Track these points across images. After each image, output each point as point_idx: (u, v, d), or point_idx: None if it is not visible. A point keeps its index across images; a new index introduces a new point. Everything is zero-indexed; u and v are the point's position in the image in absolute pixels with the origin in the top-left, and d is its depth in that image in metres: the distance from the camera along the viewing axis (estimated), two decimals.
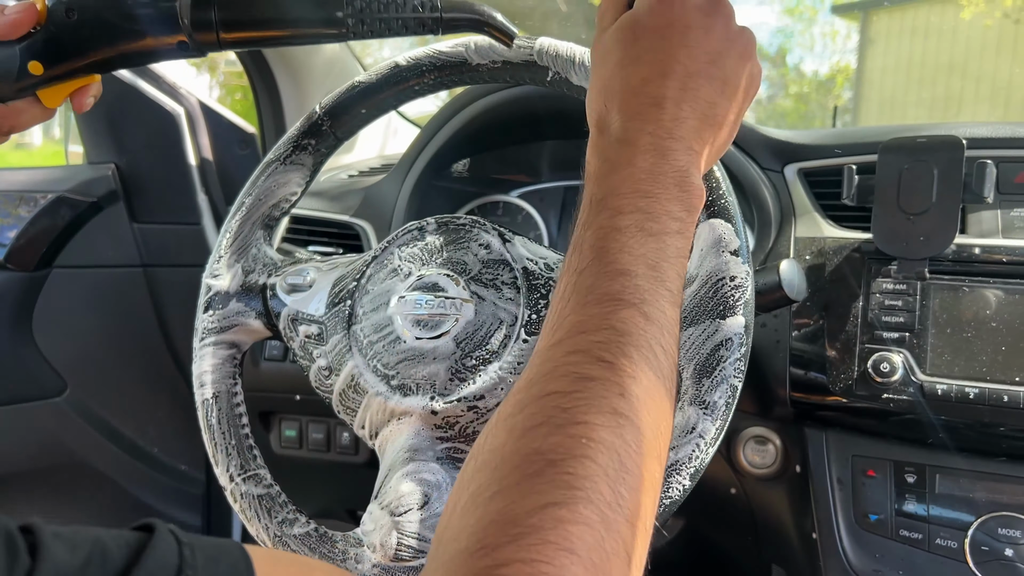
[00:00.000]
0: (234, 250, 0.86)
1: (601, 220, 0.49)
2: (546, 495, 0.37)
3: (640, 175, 0.50)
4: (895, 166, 0.88)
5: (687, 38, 0.53)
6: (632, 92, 0.53)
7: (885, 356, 0.84)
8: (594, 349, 0.43)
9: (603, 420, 0.40)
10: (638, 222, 0.48)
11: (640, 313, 0.45)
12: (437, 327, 0.73)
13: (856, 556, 0.87)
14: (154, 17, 0.61)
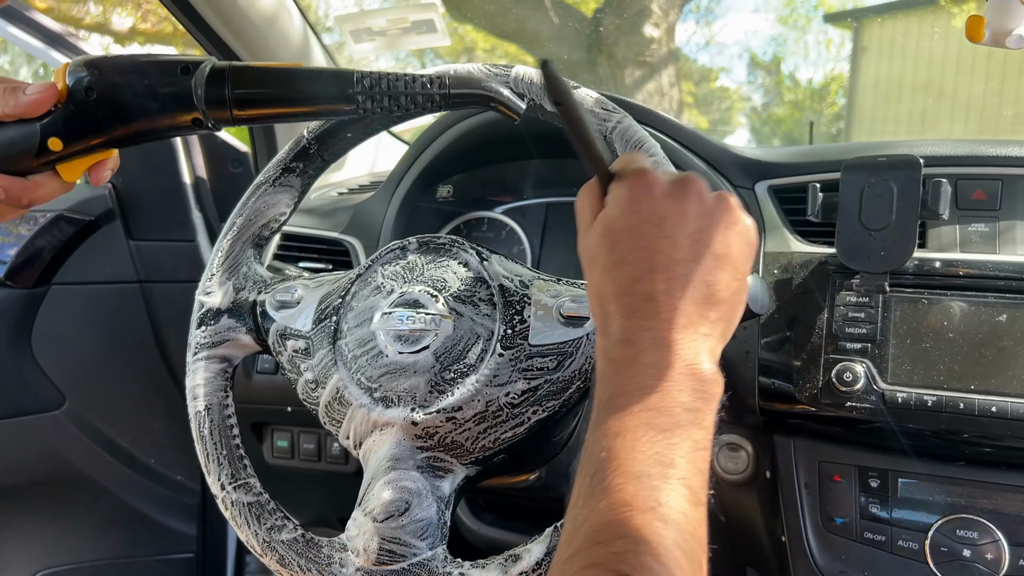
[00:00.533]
0: (225, 268, 0.90)
1: (610, 422, 0.48)
2: None
3: (645, 371, 0.49)
4: (857, 184, 0.92)
5: (664, 228, 0.53)
6: (624, 293, 0.53)
7: (848, 366, 0.88)
8: (611, 562, 0.42)
9: None
10: (647, 420, 0.47)
11: (657, 517, 0.43)
12: (418, 342, 0.77)
13: (823, 558, 0.91)
14: (170, 97, 0.63)
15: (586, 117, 0.56)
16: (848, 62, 8.48)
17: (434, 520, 0.73)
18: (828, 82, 8.96)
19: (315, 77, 0.65)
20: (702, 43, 9.14)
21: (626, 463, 0.46)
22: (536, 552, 0.68)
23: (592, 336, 0.74)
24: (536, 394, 0.74)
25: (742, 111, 9.51)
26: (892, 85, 6.33)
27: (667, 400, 0.48)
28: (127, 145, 0.67)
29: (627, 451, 0.46)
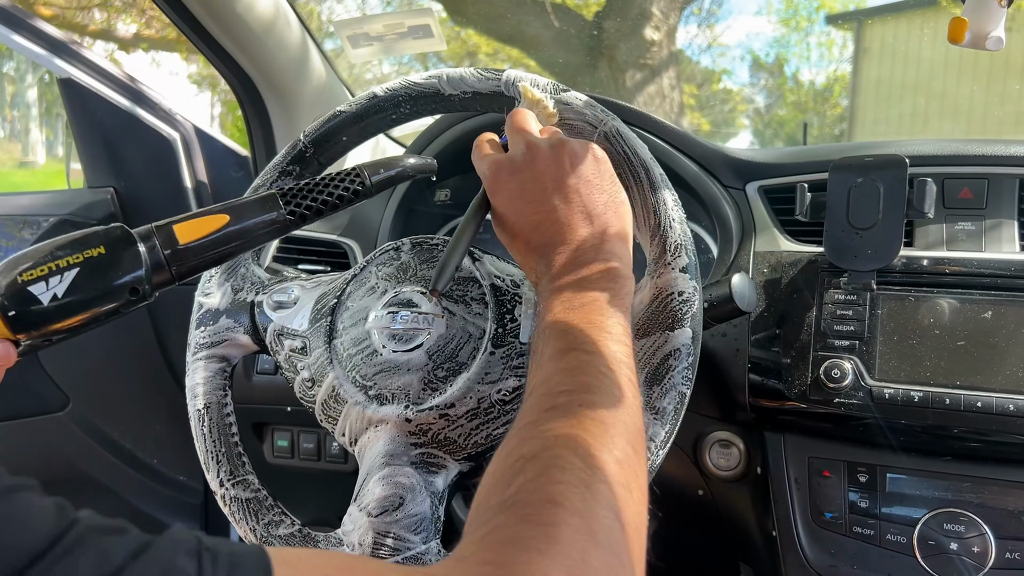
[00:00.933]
0: (223, 270, 0.91)
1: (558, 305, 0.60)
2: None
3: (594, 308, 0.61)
4: (844, 184, 0.93)
5: (553, 182, 0.67)
6: (538, 245, 0.67)
7: (836, 363, 0.90)
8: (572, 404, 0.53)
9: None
10: (594, 344, 0.58)
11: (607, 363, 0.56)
12: (411, 340, 0.78)
13: (813, 552, 0.92)
14: (119, 291, 0.62)
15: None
16: (850, 63, 8.49)
17: (428, 515, 0.74)
18: (831, 83, 8.97)
19: (243, 217, 0.68)
20: (704, 45, 9.15)
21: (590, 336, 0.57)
22: None
23: None
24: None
25: (745, 113, 9.52)
26: (895, 85, 6.34)
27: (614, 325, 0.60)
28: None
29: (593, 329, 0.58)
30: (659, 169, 0.77)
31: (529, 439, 0.48)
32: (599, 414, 0.50)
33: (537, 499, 0.43)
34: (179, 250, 0.65)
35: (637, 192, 0.76)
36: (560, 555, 0.41)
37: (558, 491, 0.43)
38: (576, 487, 0.44)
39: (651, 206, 0.75)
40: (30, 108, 8.56)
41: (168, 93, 1.48)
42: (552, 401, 0.51)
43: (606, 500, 0.45)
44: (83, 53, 1.37)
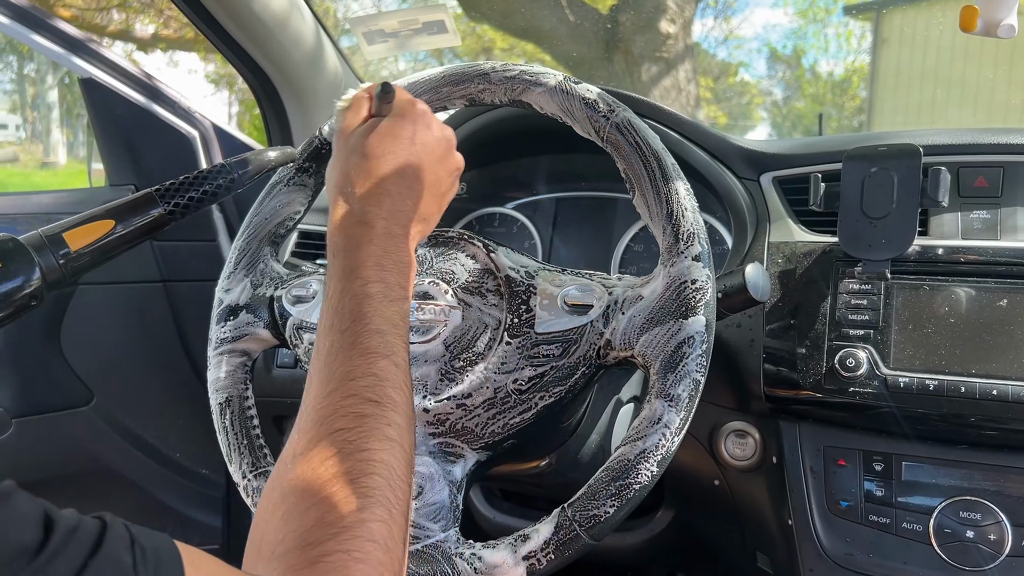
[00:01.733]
0: (243, 266, 0.93)
1: (355, 288, 0.62)
2: (351, 504, 0.50)
3: (379, 253, 0.65)
4: (858, 173, 0.94)
5: (417, 150, 0.71)
6: (374, 182, 0.68)
7: (851, 352, 0.90)
8: (363, 392, 0.57)
9: (380, 445, 0.54)
10: (382, 291, 0.62)
11: (391, 362, 0.59)
12: (428, 332, 0.80)
13: (829, 541, 0.93)
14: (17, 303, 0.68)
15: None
16: (869, 54, 8.43)
17: (446, 503, 0.76)
18: (849, 75, 8.90)
19: (126, 218, 0.73)
20: (720, 38, 9.11)
21: (371, 323, 0.60)
22: (544, 532, 0.70)
23: (596, 323, 0.76)
24: (543, 380, 0.76)
25: (762, 105, 9.47)
26: (913, 74, 6.28)
27: (392, 278, 0.64)
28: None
29: (371, 314, 0.61)
30: (671, 159, 0.77)
31: (345, 454, 0.53)
32: (403, 439, 0.57)
33: (360, 535, 0.49)
34: (71, 256, 0.70)
35: (649, 182, 0.76)
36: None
37: (376, 529, 0.50)
38: (388, 523, 0.52)
39: (663, 195, 0.76)
40: (51, 109, 8.65)
41: (186, 92, 1.50)
42: (363, 408, 0.56)
43: (402, 528, 0.54)
44: (103, 52, 1.39)
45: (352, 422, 0.55)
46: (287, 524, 0.50)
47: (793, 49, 10.05)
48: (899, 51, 6.90)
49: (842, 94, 8.69)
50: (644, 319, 0.74)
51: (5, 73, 10.00)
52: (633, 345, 0.74)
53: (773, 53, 10.10)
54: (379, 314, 0.61)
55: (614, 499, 0.69)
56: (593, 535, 0.70)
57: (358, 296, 0.62)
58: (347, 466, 0.52)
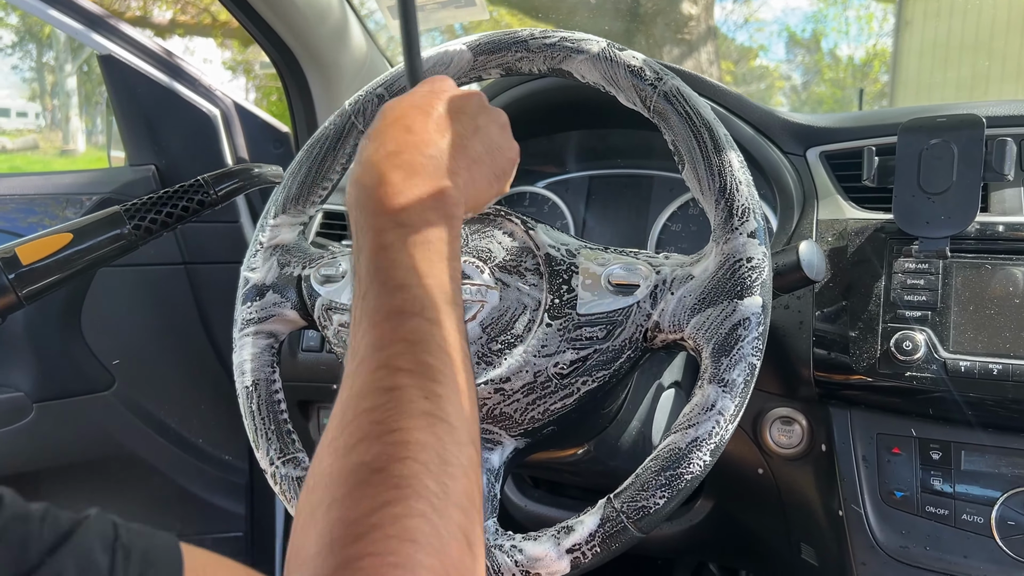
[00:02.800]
0: (269, 244, 0.89)
1: (368, 242, 0.52)
2: (379, 497, 0.41)
3: (393, 192, 0.53)
4: (915, 146, 0.89)
5: (427, 126, 0.59)
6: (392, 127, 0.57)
7: (908, 335, 0.85)
8: (392, 361, 0.47)
9: (415, 423, 0.44)
10: (401, 237, 0.52)
11: (424, 319, 0.49)
12: (464, 313, 0.76)
13: (883, 533, 0.88)
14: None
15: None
16: (891, 36, 8.30)
17: (484, 493, 0.72)
18: (870, 58, 8.78)
19: (87, 235, 0.69)
20: (740, 21, 9.01)
21: (390, 279, 0.50)
22: (589, 524, 0.66)
23: (643, 304, 0.72)
24: (585, 364, 0.72)
25: (782, 90, 9.35)
26: (937, 56, 6.16)
27: (415, 218, 0.53)
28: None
29: (388, 267, 0.51)
30: (723, 129, 0.73)
31: (372, 438, 0.44)
32: (446, 412, 0.47)
33: (394, 535, 0.40)
34: (23, 272, 0.65)
35: (700, 154, 0.72)
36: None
37: (414, 526, 0.41)
38: (430, 518, 0.41)
39: (715, 168, 0.71)
40: (70, 97, 8.69)
41: (207, 71, 1.46)
42: (392, 381, 0.47)
43: (457, 525, 0.43)
44: (122, 28, 1.36)
45: (380, 398, 0.46)
46: (312, 525, 0.42)
47: (812, 32, 9.93)
48: (924, 29, 6.78)
49: (863, 79, 8.56)
50: (695, 300, 0.69)
51: (24, 61, 10.06)
52: (683, 327, 0.70)
53: (792, 37, 9.98)
54: (399, 265, 0.51)
55: (664, 490, 0.65)
56: (641, 527, 0.66)
57: (372, 251, 0.52)
58: (375, 451, 0.43)
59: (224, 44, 7.16)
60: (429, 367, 0.47)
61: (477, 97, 0.65)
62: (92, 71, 7.84)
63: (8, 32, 9.37)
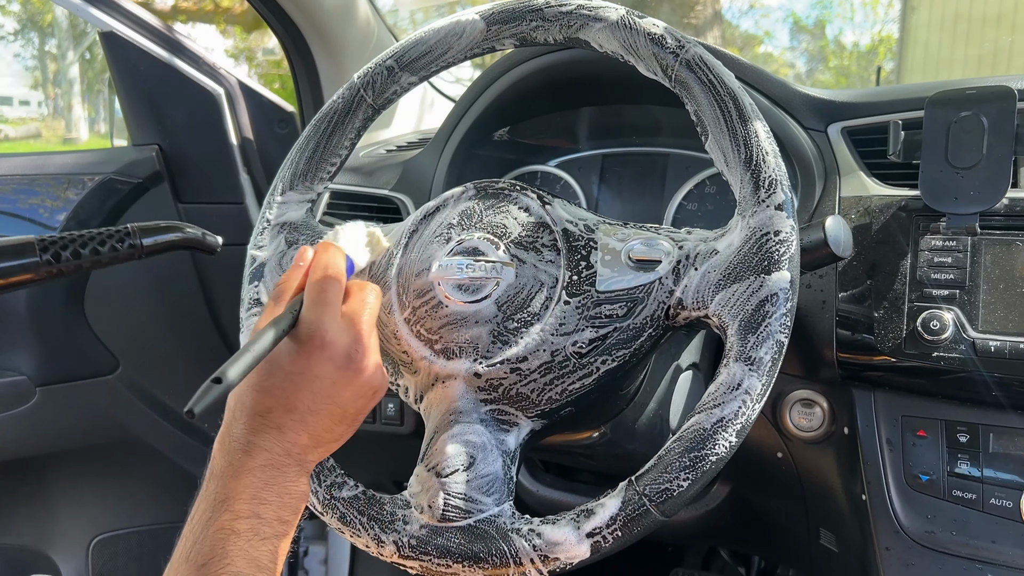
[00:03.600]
0: (277, 221, 0.87)
1: (223, 521, 0.57)
2: None
3: (258, 484, 0.59)
4: (943, 119, 0.86)
5: (314, 385, 0.62)
6: (259, 415, 0.61)
7: (935, 314, 0.83)
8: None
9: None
10: (253, 528, 0.57)
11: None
12: (478, 291, 0.73)
13: (907, 517, 0.86)
14: None
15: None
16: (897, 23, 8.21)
17: (500, 475, 0.70)
18: (876, 45, 8.70)
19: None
20: (745, 8, 8.93)
21: (232, 564, 0.56)
22: (610, 507, 0.64)
23: (665, 280, 0.69)
24: (605, 343, 0.70)
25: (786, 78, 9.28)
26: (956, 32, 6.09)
27: (270, 513, 0.59)
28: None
29: (235, 554, 0.56)
30: (748, 99, 0.70)
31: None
32: None
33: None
34: None
35: (725, 124, 0.69)
36: None
37: None
38: None
39: (741, 139, 0.68)
40: (72, 85, 8.66)
41: (211, 49, 1.44)
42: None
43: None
44: (123, 3, 1.33)
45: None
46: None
47: (816, 20, 9.84)
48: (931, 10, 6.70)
49: (868, 66, 8.48)
50: (720, 275, 0.67)
51: (27, 49, 10.02)
52: (707, 304, 0.67)
53: (797, 23, 9.89)
54: (244, 555, 0.56)
55: (688, 471, 0.63)
56: (664, 511, 0.63)
57: (224, 531, 0.56)
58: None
59: (226, 31, 7.12)
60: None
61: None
62: (95, 59, 7.80)
63: (10, 20, 9.34)
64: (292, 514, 0.61)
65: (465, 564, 0.67)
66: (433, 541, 0.68)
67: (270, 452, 0.60)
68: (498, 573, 0.66)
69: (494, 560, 0.66)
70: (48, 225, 1.32)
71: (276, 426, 0.61)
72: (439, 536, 0.68)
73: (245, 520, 0.57)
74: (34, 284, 0.68)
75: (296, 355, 0.62)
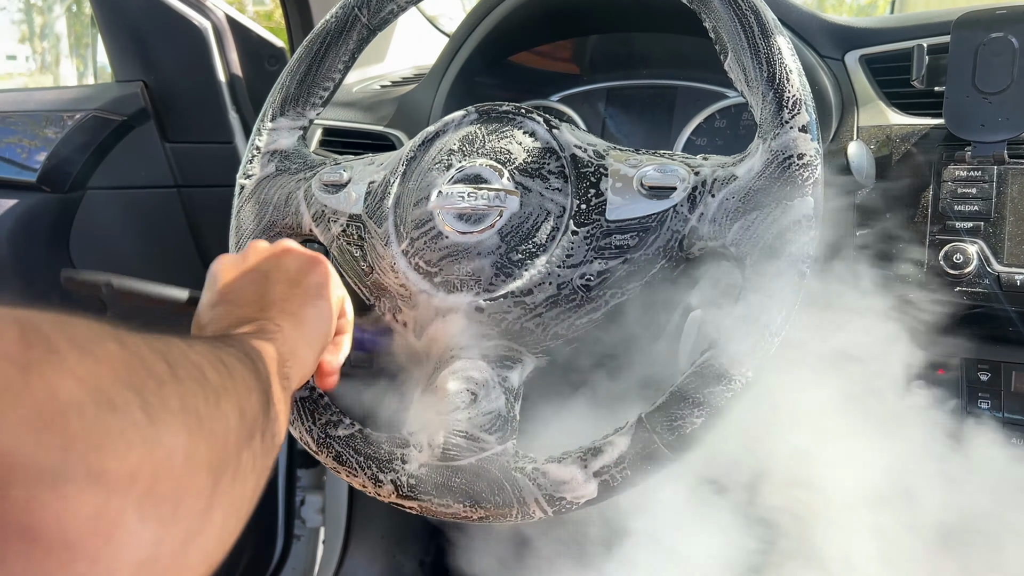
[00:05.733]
0: (267, 149, 0.83)
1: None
2: None
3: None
4: (970, 42, 0.81)
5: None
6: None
7: (958, 247, 0.79)
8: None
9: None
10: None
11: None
12: (481, 221, 0.69)
13: None
14: None
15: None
16: None
17: (503, 413, 0.66)
18: None
19: None
20: None
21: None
22: (619, 445, 0.61)
23: (680, 208, 0.65)
24: (615, 275, 0.66)
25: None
26: None
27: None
28: None
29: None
30: (771, 14, 0.65)
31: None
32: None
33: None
34: None
35: (746, 40, 0.65)
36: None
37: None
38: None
39: (763, 56, 0.64)
40: (59, 40, 8.51)
41: None
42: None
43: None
44: None
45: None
46: None
47: None
48: None
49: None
50: (739, 202, 0.63)
51: (12, 2, 9.81)
52: (725, 233, 0.63)
53: None
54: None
55: (703, 408, 0.60)
56: (676, 449, 0.60)
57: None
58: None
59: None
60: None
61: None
62: (81, 12, 7.64)
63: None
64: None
65: (466, 504, 0.64)
66: (433, 480, 0.65)
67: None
68: (501, 513, 0.63)
69: (497, 500, 0.63)
70: (27, 166, 1.27)
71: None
72: (439, 475, 0.65)
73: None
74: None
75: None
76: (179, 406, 0.36)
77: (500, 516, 0.64)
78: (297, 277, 0.64)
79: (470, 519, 0.65)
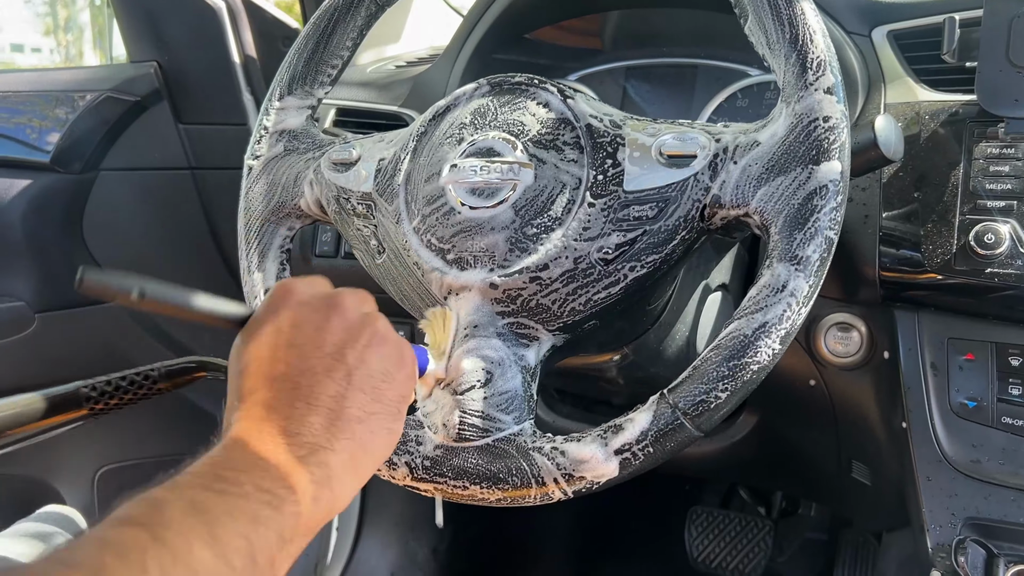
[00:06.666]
0: (275, 129, 0.81)
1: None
2: None
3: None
4: (1005, 13, 0.78)
5: (296, 337, 0.50)
6: (243, 399, 0.49)
7: (990, 226, 0.76)
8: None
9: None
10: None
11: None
12: (494, 195, 0.67)
13: (951, 446, 0.80)
14: None
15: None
16: None
17: (519, 392, 0.64)
18: None
19: (41, 417, 0.64)
20: None
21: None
22: (641, 421, 0.59)
23: (700, 176, 0.63)
24: (633, 248, 0.64)
25: None
26: None
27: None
28: None
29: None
30: None
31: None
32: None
33: None
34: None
35: (767, 1, 0.62)
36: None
37: None
38: None
39: (785, 16, 0.62)
40: (83, 32, 8.57)
41: None
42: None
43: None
44: None
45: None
46: None
47: None
48: None
49: None
50: (762, 168, 0.60)
51: None
52: (749, 201, 0.61)
53: None
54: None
55: (727, 381, 0.57)
56: (700, 425, 0.58)
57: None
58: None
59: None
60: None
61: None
62: (104, 3, 7.68)
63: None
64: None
65: (483, 485, 0.62)
66: (449, 462, 0.63)
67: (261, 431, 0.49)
68: (519, 494, 0.61)
69: (515, 480, 0.61)
70: (40, 147, 1.27)
71: (263, 403, 0.49)
72: (455, 456, 0.63)
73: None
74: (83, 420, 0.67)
75: (261, 313, 0.54)
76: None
77: (518, 497, 0.62)
78: (381, 387, 0.52)
79: (487, 501, 0.63)
